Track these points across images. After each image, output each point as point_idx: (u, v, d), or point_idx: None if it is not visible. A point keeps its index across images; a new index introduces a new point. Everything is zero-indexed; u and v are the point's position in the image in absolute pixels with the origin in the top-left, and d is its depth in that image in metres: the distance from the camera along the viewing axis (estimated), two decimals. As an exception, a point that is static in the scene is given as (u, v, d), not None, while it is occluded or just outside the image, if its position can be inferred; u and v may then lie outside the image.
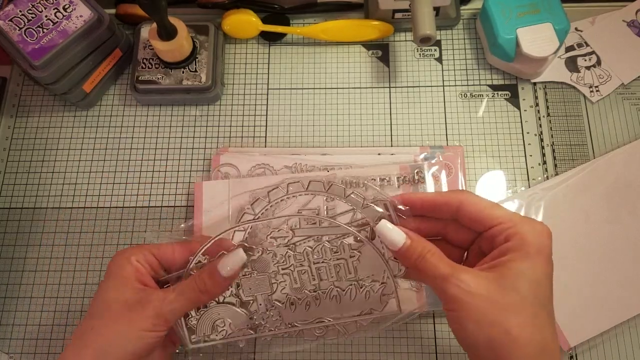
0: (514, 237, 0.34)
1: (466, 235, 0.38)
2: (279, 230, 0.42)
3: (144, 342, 0.36)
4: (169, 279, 0.41)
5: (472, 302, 0.32)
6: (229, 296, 0.41)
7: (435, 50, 0.58)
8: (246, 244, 0.41)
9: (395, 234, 0.36)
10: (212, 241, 0.41)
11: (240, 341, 0.41)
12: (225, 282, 0.39)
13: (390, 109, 0.55)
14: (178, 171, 0.54)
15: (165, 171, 0.54)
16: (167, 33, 0.50)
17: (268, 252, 0.41)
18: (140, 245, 0.40)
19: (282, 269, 0.41)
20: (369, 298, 0.40)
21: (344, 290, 0.41)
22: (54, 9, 0.50)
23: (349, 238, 0.41)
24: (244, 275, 0.41)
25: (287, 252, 0.41)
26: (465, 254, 0.40)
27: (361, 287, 0.41)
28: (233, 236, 0.42)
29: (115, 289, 0.37)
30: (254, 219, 0.43)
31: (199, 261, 0.40)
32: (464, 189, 0.51)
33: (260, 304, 0.41)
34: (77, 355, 0.35)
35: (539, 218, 0.50)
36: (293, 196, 0.43)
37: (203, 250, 0.40)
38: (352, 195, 0.42)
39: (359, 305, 0.40)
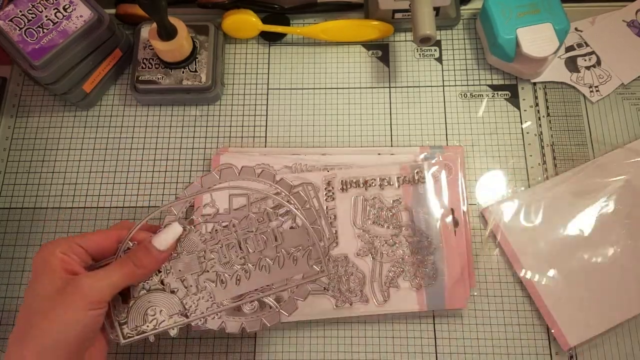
0: None
1: None
2: (204, 206, 0.42)
3: (83, 323, 0.35)
4: (98, 266, 0.40)
5: None
6: (157, 282, 0.40)
7: (435, 50, 0.58)
8: (180, 223, 0.41)
9: None
10: (139, 225, 0.40)
11: (171, 329, 0.40)
12: (161, 255, 0.39)
13: (390, 109, 0.56)
14: (178, 171, 0.54)
15: (165, 171, 0.54)
16: (167, 33, 0.50)
17: (195, 231, 0.41)
18: (64, 238, 0.39)
19: (210, 246, 0.41)
20: (297, 264, 0.40)
21: (272, 260, 0.40)
22: (54, 9, 0.50)
23: (272, 206, 0.41)
24: (172, 259, 0.41)
25: (213, 226, 0.41)
26: None
27: (289, 254, 0.40)
28: (163, 222, 0.41)
29: (44, 282, 0.36)
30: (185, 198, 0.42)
31: (128, 247, 0.40)
32: (464, 189, 0.51)
33: (191, 286, 0.40)
34: (19, 354, 0.34)
35: (539, 218, 0.50)
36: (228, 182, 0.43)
37: (131, 235, 0.40)
38: (299, 191, 0.42)
39: (288, 272, 0.40)
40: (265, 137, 0.55)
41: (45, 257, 0.37)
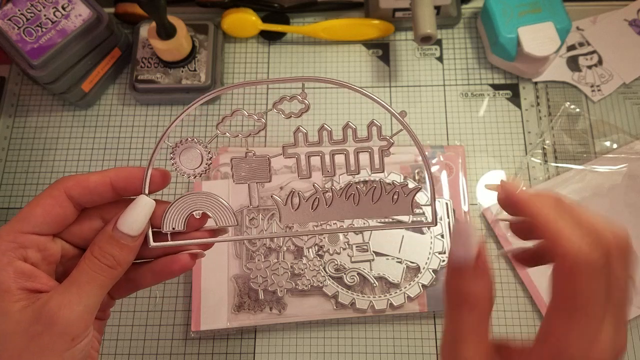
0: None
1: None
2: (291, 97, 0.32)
3: None
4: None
5: None
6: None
7: (436, 49, 0.57)
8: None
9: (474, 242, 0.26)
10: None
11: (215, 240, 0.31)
12: (136, 242, 0.29)
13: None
14: (177, 171, 0.53)
15: (165, 171, 0.54)
16: (167, 32, 0.50)
17: (275, 125, 0.31)
18: (6, 226, 0.28)
19: (289, 151, 0.31)
20: (396, 203, 0.31)
21: (365, 189, 0.31)
22: (52, 8, 0.50)
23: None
24: (234, 158, 0.32)
25: (298, 128, 0.31)
26: None
27: (388, 189, 0.31)
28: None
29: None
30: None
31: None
32: (465, 188, 0.50)
33: (253, 197, 0.31)
34: None
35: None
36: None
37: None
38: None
39: (381, 211, 0.31)
40: (265, 137, 0.55)
41: None
